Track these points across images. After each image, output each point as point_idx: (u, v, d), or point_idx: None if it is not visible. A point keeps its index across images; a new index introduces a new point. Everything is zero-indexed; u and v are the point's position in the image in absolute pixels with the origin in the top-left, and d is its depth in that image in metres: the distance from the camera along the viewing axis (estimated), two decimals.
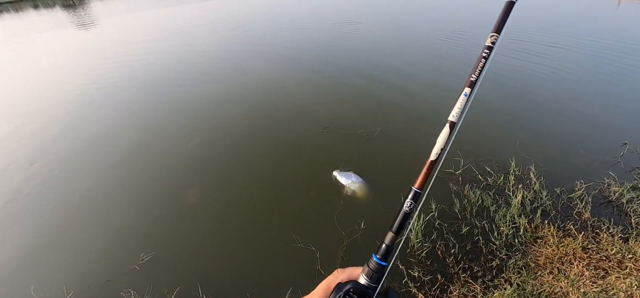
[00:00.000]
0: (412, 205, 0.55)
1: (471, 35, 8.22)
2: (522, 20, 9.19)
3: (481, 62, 0.49)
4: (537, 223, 2.55)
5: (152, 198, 3.25)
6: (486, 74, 0.50)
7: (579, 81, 5.33)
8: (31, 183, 3.60)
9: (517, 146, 3.51)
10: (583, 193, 2.78)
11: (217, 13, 15.77)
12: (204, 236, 2.77)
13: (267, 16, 13.47)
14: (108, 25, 15.08)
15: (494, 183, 3.05)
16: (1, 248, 2.80)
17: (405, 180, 3.01)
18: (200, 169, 3.60)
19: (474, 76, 0.50)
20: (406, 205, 0.56)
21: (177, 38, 10.70)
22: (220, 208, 3.07)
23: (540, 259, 2.29)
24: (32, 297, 2.31)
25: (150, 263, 2.52)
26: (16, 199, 3.38)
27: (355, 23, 10.60)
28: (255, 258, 2.53)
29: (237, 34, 10.66)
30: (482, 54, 0.50)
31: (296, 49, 8.06)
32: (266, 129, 4.34)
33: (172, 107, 5.27)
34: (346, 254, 2.47)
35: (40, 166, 3.90)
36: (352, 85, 5.56)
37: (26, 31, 15.58)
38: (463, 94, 0.51)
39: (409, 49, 7.55)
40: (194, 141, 4.15)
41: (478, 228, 2.58)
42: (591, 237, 2.41)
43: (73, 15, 20.21)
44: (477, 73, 0.50)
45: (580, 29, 8.44)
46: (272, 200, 3.12)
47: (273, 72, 6.54)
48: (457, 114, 0.52)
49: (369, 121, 4.23)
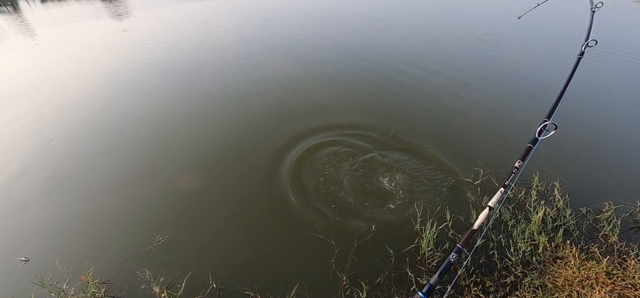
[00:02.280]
0: (455, 257, 0.71)
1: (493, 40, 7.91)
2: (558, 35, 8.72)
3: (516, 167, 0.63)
4: (558, 242, 2.42)
5: (171, 183, 3.38)
6: (509, 79, 0.49)
7: (614, 96, 5.01)
8: (63, 161, 3.85)
9: (541, 159, 3.35)
10: (611, 215, 2.62)
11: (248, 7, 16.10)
12: (218, 225, 2.84)
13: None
14: (142, 17, 15.79)
15: (515, 197, 2.93)
16: (35, 221, 3.01)
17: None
18: (220, 160, 3.70)
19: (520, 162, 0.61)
20: (451, 256, 0.71)
21: (206, 31, 11.02)
22: (237, 199, 3.14)
23: (559, 280, 2.18)
24: (57, 268, 2.48)
25: (165, 246, 2.63)
26: (56, 175, 3.62)
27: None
28: (267, 252, 2.57)
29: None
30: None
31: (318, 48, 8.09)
32: (287, 125, 4.38)
33: (200, 97, 5.44)
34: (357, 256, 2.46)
35: (78, 145, 4.17)
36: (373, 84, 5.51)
37: (70, 19, 16.59)
38: (500, 190, 0.65)
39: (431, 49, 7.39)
40: (215, 132, 4.27)
41: (494, 241, 2.49)
42: (617, 263, 2.26)
43: (110, 6, 21.31)
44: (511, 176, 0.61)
45: (623, 40, 7.91)
46: (283, 197, 3.15)
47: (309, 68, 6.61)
48: (495, 202, 0.69)
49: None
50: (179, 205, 3.08)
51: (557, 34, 8.74)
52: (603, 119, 4.32)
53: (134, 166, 3.71)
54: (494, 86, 5.37)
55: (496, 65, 6.41)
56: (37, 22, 16.72)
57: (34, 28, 14.61)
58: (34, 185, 3.48)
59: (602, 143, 3.76)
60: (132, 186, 3.39)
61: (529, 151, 0.69)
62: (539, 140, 1.06)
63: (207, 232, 2.77)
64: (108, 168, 3.69)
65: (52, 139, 4.35)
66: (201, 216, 2.93)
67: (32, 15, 20.04)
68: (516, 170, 0.45)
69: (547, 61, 6.62)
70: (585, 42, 2.08)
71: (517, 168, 0.42)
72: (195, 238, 2.72)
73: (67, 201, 3.24)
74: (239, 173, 3.49)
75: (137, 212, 3.03)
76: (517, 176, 0.46)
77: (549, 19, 10.09)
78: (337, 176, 3.27)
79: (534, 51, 7.39)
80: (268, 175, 3.39)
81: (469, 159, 3.44)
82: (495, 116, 4.47)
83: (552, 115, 1.43)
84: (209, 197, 3.17)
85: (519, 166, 0.43)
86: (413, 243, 2.51)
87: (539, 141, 1.11)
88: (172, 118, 4.80)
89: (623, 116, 4.43)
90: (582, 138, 3.87)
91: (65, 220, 3.01)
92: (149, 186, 3.37)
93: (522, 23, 8.50)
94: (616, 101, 4.86)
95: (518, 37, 8.60)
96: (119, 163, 3.78)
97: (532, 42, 8.20)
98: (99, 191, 3.34)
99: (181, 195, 3.21)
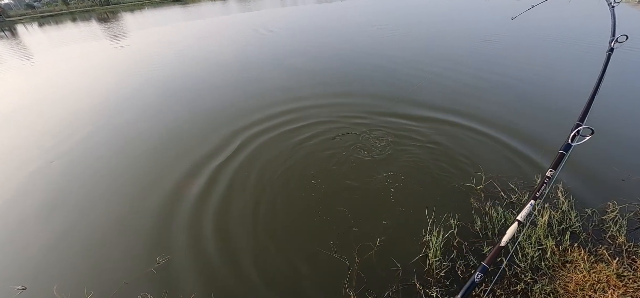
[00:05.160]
0: (480, 276, 0.66)
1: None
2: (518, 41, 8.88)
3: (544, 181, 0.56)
4: (565, 245, 2.39)
5: (170, 203, 3.32)
6: (504, 84, 0.48)
7: (608, 92, 5.05)
8: (61, 183, 3.80)
9: (541, 161, 3.34)
10: (617, 215, 2.59)
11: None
12: (220, 246, 2.79)
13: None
14: (138, 37, 15.96)
15: (518, 200, 2.91)
16: (32, 247, 2.95)
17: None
18: (222, 177, 3.66)
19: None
20: (476, 275, 0.66)
21: (210, 46, 11.14)
22: (238, 219, 3.09)
23: (570, 285, 2.13)
24: (55, 296, 2.40)
25: (166, 267, 2.57)
26: (57, 197, 3.57)
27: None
28: (273, 274, 2.51)
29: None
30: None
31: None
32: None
33: (200, 114, 5.44)
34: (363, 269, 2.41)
35: (73, 167, 4.12)
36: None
37: (67, 41, 16.73)
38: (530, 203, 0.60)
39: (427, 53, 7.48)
40: (215, 148, 4.25)
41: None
42: (627, 264, 2.22)
43: (107, 27, 21.58)
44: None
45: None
46: (291, 219, 3.11)
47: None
48: (525, 216, 0.63)
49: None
50: (179, 224, 3.03)
51: (546, 35, 8.88)
52: (599, 116, 4.33)
53: (133, 185, 3.67)
54: (490, 92, 5.41)
55: (490, 68, 6.48)
56: (35, 45, 16.85)
57: (31, 51, 14.71)
58: (31, 209, 3.42)
59: (601, 141, 3.76)
60: (131, 206, 3.34)
61: (561, 159, 0.58)
62: (572, 146, 0.95)
63: (209, 253, 2.71)
64: (106, 189, 3.65)
65: (53, 160, 4.32)
66: (202, 237, 2.87)
67: (30, 39, 20.21)
68: (548, 180, 0.41)
69: (544, 63, 6.70)
70: (614, 38, 1.86)
71: (549, 177, 0.38)
72: (197, 259, 2.65)
73: (64, 224, 3.18)
74: (233, 190, 3.45)
75: (136, 233, 2.98)
76: (549, 186, 0.42)
77: (543, 23, 10.28)
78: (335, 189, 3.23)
79: (528, 53, 7.49)
80: (272, 197, 3.35)
81: (469, 164, 3.43)
82: (496, 118, 4.47)
83: (585, 118, 1.25)
84: (211, 217, 3.11)
85: (551, 176, 0.39)
86: (420, 254, 2.47)
87: (573, 147, 1.01)
88: (171, 135, 4.78)
89: (618, 112, 4.45)
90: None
91: (63, 244, 2.94)
92: (149, 205, 3.32)
93: (516, 24, 8.64)
94: (610, 97, 4.89)
95: (512, 39, 8.73)
96: (117, 183, 3.73)
97: (526, 44, 8.32)
98: (97, 213, 3.29)
99: (181, 215, 3.16)
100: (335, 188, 3.29)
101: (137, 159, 4.23)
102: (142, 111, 5.88)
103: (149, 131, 5.02)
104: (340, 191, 3.22)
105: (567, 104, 4.75)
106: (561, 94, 5.14)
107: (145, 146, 4.54)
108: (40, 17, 42.52)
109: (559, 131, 4.00)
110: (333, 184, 3.34)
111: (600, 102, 4.75)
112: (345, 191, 3.22)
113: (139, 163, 4.12)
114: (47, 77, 9.34)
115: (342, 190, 3.25)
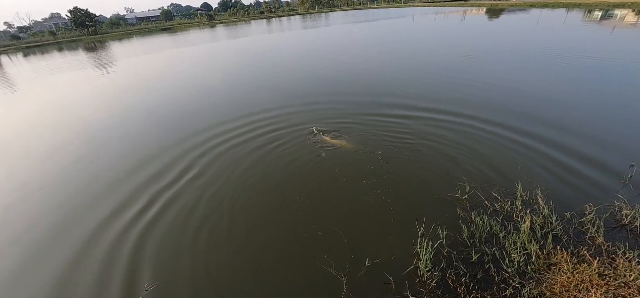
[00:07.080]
0: None
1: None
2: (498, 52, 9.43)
3: None
4: (549, 249, 2.48)
5: (159, 228, 3.27)
6: (487, 96, 0.56)
7: (576, 104, 5.38)
8: (46, 212, 3.68)
9: (519, 169, 3.50)
10: (594, 216, 2.72)
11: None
12: (208, 269, 2.74)
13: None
14: (126, 65, 16.00)
15: (502, 208, 3.01)
16: (14, 283, 2.81)
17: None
18: (211, 201, 3.64)
19: None
20: None
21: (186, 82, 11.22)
22: (225, 243, 3.06)
23: (556, 287, 2.20)
24: None
25: (155, 294, 2.50)
26: (33, 227, 3.45)
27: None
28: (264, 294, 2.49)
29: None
30: None
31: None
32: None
33: (188, 138, 5.45)
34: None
35: (62, 195, 4.01)
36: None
37: (52, 71, 16.56)
38: None
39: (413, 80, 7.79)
40: (201, 175, 4.24)
41: (488, 255, 2.51)
42: (607, 263, 2.32)
43: (95, 57, 21.57)
44: None
45: (579, 52, 8.65)
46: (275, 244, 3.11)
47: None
48: None
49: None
50: (167, 249, 2.97)
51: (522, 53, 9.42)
52: (563, 119, 4.57)
53: (118, 211, 3.59)
54: (475, 107, 5.67)
55: (483, 83, 6.81)
56: (19, 75, 16.61)
57: (15, 82, 14.49)
58: (16, 248, 3.29)
59: (570, 143, 3.96)
60: (117, 233, 3.26)
61: None
62: None
63: (198, 277, 2.66)
64: (91, 217, 3.56)
65: (43, 187, 4.25)
66: (189, 262, 2.82)
67: (14, 70, 19.92)
68: None
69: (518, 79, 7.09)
70: None
71: None
72: (184, 284, 2.59)
73: (50, 257, 3.06)
74: (217, 217, 3.44)
75: (123, 261, 2.89)
76: None
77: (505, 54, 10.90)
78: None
79: (506, 67, 7.93)
80: (262, 215, 3.36)
81: (452, 175, 3.55)
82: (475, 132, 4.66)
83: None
84: (196, 241, 3.07)
85: None
86: (412, 265, 2.49)
87: None
88: (156, 161, 4.75)
89: (581, 114, 4.72)
90: (550, 143, 4.06)
91: (49, 279, 2.82)
92: (136, 231, 3.25)
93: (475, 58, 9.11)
94: (573, 99, 5.19)
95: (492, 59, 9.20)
96: (103, 209, 3.65)
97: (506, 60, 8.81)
98: (82, 243, 3.19)
99: (168, 239, 3.10)
100: (324, 205, 3.32)
101: (124, 186, 4.16)
102: (130, 137, 5.84)
103: (134, 158, 4.97)
104: (330, 208, 3.26)
105: (539, 111, 5.01)
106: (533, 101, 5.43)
107: (133, 178, 4.48)
108: (26, 48, 42.11)
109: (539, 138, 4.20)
110: (321, 202, 3.38)
111: (563, 105, 5.03)
112: (334, 208, 3.25)
113: (126, 187, 4.05)
114: (31, 108, 9.18)
115: (331, 206, 3.28)
